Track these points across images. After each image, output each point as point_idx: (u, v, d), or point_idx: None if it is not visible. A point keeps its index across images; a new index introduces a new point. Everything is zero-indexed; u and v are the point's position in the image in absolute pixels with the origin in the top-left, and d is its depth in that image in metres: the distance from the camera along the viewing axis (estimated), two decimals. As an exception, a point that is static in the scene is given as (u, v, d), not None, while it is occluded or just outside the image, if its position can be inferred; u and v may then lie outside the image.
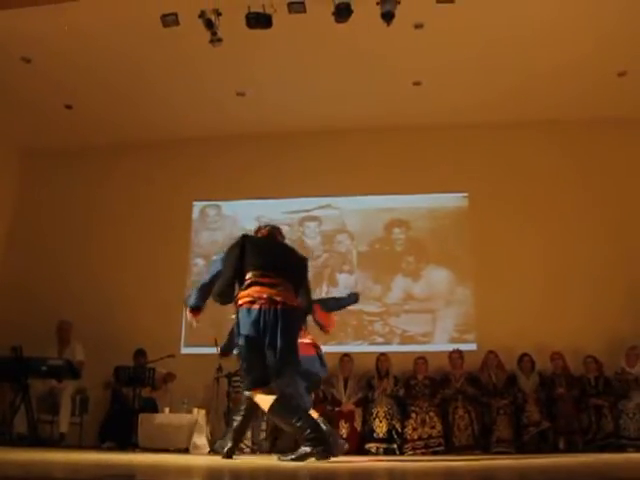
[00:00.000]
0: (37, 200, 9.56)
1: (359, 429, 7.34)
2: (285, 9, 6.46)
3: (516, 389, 7.42)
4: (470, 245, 8.59)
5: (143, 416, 7.12)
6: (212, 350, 7.75)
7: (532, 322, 7.80)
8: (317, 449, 3.82)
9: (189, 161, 9.32)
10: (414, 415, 7.23)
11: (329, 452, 3.95)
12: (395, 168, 8.84)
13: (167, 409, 7.41)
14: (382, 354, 7.95)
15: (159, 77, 7.93)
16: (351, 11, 6.38)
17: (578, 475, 2.60)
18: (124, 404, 7.60)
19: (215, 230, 9.30)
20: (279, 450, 5.97)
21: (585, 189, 8.57)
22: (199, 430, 6.99)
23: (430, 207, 8.90)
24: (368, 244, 8.89)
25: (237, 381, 7.58)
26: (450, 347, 8.03)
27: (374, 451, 7.09)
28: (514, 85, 7.94)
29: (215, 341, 7.88)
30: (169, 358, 7.73)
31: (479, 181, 8.69)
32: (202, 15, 6.58)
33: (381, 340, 8.51)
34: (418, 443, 7.07)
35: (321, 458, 3.84)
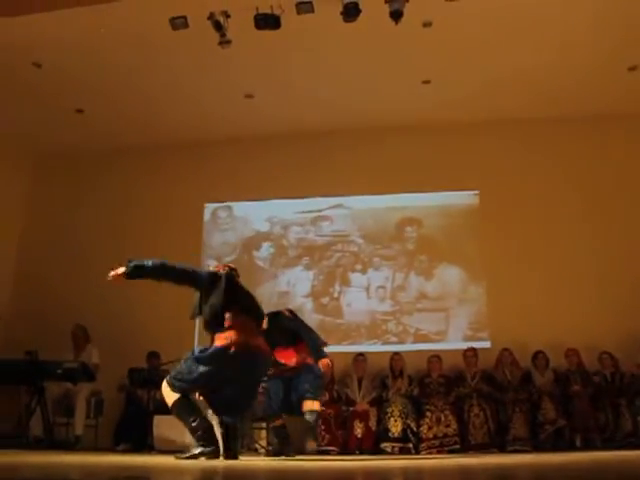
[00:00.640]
0: (49, 203, 9.62)
1: (374, 429, 7.33)
2: (293, 10, 6.45)
3: (531, 386, 7.38)
4: (482, 243, 8.56)
5: (158, 418, 7.13)
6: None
7: (546, 319, 7.76)
8: (206, 450, 4.36)
9: (200, 163, 9.34)
10: (429, 414, 7.21)
11: (218, 453, 4.44)
12: (406, 167, 8.82)
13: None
14: (396, 353, 7.93)
15: (169, 80, 7.95)
16: (359, 10, 6.37)
17: (596, 473, 2.58)
18: (138, 406, 7.63)
19: (227, 231, 9.32)
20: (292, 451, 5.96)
21: (597, 185, 8.52)
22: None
23: (441, 205, 8.88)
24: (380, 243, 8.87)
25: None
26: (464, 345, 8.00)
27: (389, 450, 7.06)
28: (524, 82, 7.90)
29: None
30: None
31: (490, 178, 8.66)
32: (211, 17, 6.59)
33: (395, 339, 8.49)
34: (434, 442, 7.05)
35: (210, 458, 4.33)
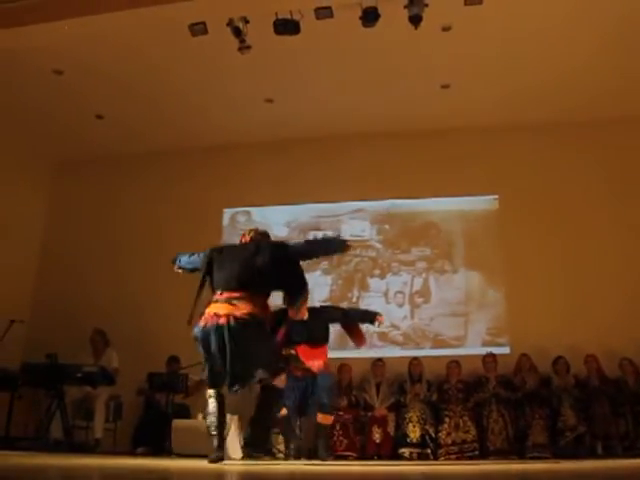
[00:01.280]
0: (70, 209, 9.70)
1: (392, 434, 7.31)
2: (312, 15, 6.46)
3: (551, 392, 7.32)
4: (501, 247, 8.52)
5: (176, 422, 7.15)
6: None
7: (565, 324, 7.70)
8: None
9: (219, 168, 9.37)
10: (447, 420, 7.17)
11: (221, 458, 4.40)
12: (425, 171, 8.81)
13: (200, 415, 7.44)
14: (414, 358, 7.90)
15: (188, 86, 8.00)
16: (378, 15, 6.36)
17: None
18: (157, 410, 7.65)
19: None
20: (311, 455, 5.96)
21: (616, 191, 8.44)
22: (232, 436, 7.00)
23: (460, 210, 8.85)
24: (399, 248, 8.85)
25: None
26: (483, 350, 7.95)
27: (408, 456, 7.03)
28: (544, 86, 7.86)
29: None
30: (202, 365, 7.74)
31: (509, 183, 8.62)
32: (230, 23, 6.62)
33: (413, 344, 8.47)
34: (452, 448, 7.01)
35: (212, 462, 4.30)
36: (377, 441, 7.22)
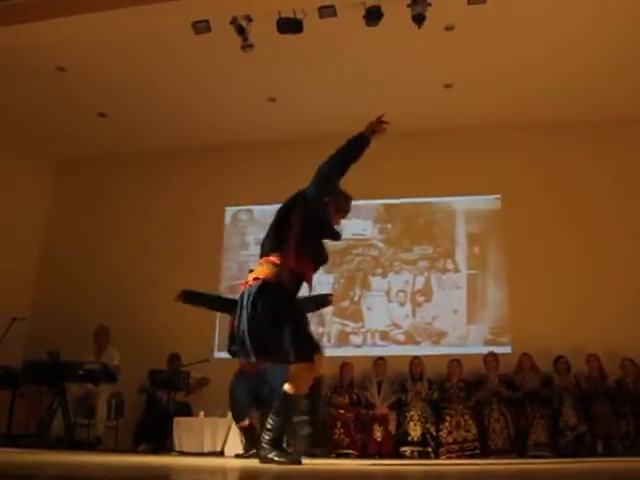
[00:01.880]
0: (71, 207, 9.73)
1: (393, 432, 7.32)
2: (316, 14, 6.46)
3: (552, 392, 7.33)
4: (503, 247, 8.53)
5: (178, 420, 7.18)
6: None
7: (567, 324, 7.70)
8: None
9: (221, 167, 9.39)
10: (449, 418, 7.18)
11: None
12: (427, 171, 8.81)
13: (202, 413, 7.46)
14: (416, 357, 7.91)
15: (191, 84, 8.00)
16: (382, 14, 6.37)
17: (619, 478, 2.56)
18: (159, 407, 7.67)
19: (247, 235, 9.35)
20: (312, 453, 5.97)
21: (619, 191, 8.43)
22: (233, 434, 7.02)
23: (463, 209, 8.85)
24: (401, 247, 8.86)
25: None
26: (484, 350, 7.96)
27: (409, 455, 7.04)
28: (547, 86, 7.86)
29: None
30: (203, 362, 7.77)
31: (512, 183, 8.62)
32: (233, 21, 6.63)
33: (414, 343, 8.47)
34: (453, 447, 7.02)
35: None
36: (378, 439, 7.23)
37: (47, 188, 9.82)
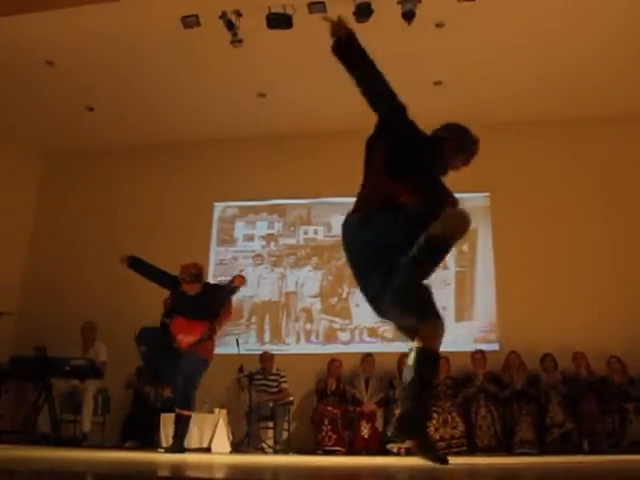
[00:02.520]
0: (59, 201, 9.67)
1: (380, 429, 7.32)
2: (305, 9, 6.45)
3: (539, 389, 7.35)
4: (492, 245, 8.54)
5: (165, 416, 7.15)
6: (233, 350, 7.79)
7: (555, 322, 7.72)
8: None
9: (210, 162, 9.35)
10: (436, 415, 7.19)
11: None
12: (416, 168, 8.80)
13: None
14: (404, 354, 7.88)
15: (180, 79, 7.96)
16: (372, 11, 6.36)
17: (604, 475, 2.56)
18: (146, 403, 7.65)
19: (235, 230, 9.32)
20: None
21: (606, 189, 8.47)
22: (220, 430, 7.01)
23: (451, 207, 8.83)
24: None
25: (259, 379, 7.64)
26: (472, 347, 7.98)
27: (395, 451, 7.05)
28: (535, 83, 7.87)
29: (237, 341, 7.91)
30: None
31: (501, 180, 8.62)
32: (223, 16, 6.60)
33: (403, 340, 8.45)
34: (440, 444, 7.01)
35: None
36: (365, 436, 7.24)
37: (35, 183, 9.76)
